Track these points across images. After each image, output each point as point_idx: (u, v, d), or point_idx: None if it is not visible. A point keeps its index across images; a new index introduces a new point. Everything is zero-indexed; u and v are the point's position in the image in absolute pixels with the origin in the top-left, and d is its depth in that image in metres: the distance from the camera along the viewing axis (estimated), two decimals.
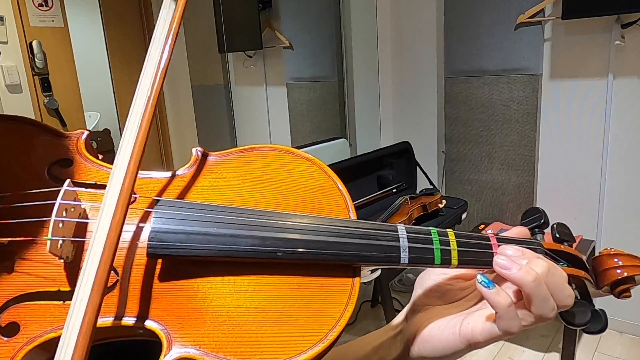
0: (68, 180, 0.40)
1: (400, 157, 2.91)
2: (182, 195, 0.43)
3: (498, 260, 0.41)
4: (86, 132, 0.46)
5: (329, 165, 0.46)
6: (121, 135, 0.38)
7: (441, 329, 0.46)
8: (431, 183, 2.85)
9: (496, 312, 0.41)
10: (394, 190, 2.75)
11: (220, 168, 0.45)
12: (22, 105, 2.94)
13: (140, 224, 0.40)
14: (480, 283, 0.41)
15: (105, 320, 0.36)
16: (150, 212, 0.39)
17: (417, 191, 2.78)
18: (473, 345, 0.43)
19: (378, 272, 2.22)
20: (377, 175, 2.81)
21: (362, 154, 2.86)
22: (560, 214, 2.67)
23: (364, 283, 2.89)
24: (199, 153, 0.46)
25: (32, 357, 0.36)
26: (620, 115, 2.43)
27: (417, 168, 2.92)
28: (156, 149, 3.93)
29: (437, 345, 0.45)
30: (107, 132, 3.49)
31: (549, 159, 2.70)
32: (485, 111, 2.90)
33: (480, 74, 2.86)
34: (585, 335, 2.66)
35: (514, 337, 2.65)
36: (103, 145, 3.37)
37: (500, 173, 2.94)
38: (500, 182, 2.95)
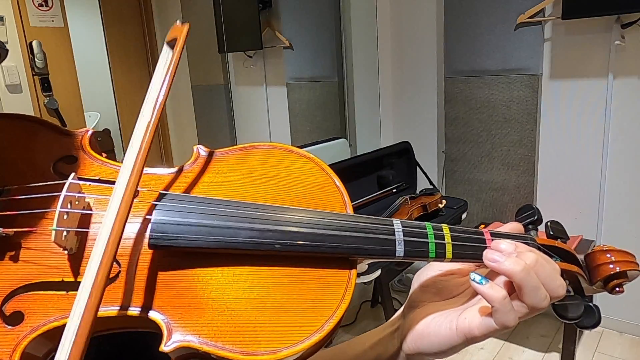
0: (73, 174, 0.41)
1: (400, 157, 2.91)
2: (183, 190, 0.44)
3: (487, 255, 0.43)
4: (91, 130, 0.48)
5: (328, 165, 0.47)
6: (121, 135, 0.40)
7: (438, 325, 0.46)
8: (431, 183, 2.85)
9: (492, 307, 0.41)
10: (394, 190, 2.75)
11: (220, 165, 0.47)
12: (22, 105, 2.95)
13: (143, 217, 0.41)
14: (473, 280, 0.42)
15: (108, 310, 0.37)
16: (153, 205, 0.40)
17: (417, 191, 2.78)
18: (470, 339, 0.44)
19: (378, 272, 2.22)
20: (377, 175, 2.81)
21: (362, 154, 2.87)
22: (560, 214, 2.67)
23: (364, 283, 2.89)
24: (200, 150, 0.48)
25: (35, 345, 0.37)
26: (620, 115, 2.43)
27: (417, 168, 2.92)
28: (156, 148, 3.93)
29: (434, 341, 0.46)
30: (107, 132, 3.49)
31: (549, 159, 2.70)
32: (485, 111, 2.90)
33: (480, 74, 2.87)
34: (585, 336, 2.66)
35: (514, 337, 2.65)
36: (103, 145, 3.37)
37: (500, 173, 2.94)
38: (500, 182, 2.95)
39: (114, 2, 3.50)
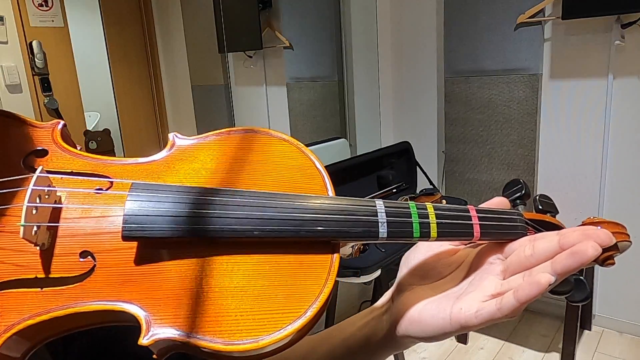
0: (41, 167, 0.40)
1: (400, 157, 2.91)
2: (157, 178, 0.43)
3: (590, 252, 0.39)
4: (62, 122, 0.46)
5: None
6: (121, 135, 0.38)
7: (431, 314, 0.45)
8: (431, 183, 2.85)
9: (520, 302, 0.39)
10: (394, 190, 2.74)
11: (197, 151, 0.45)
12: (22, 105, 2.95)
13: (115, 208, 0.40)
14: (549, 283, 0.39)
15: (86, 305, 0.36)
16: (125, 195, 0.39)
17: (417, 191, 2.77)
18: (466, 328, 0.43)
19: (378, 272, 2.21)
20: (377, 175, 2.81)
21: (362, 154, 2.86)
22: (560, 214, 2.65)
23: (364, 283, 2.88)
24: (176, 138, 0.47)
25: (11, 344, 0.36)
26: (620, 115, 2.42)
27: (417, 168, 2.92)
28: (156, 148, 3.93)
29: (427, 329, 0.45)
30: (107, 132, 3.49)
31: (549, 159, 2.70)
32: (485, 111, 2.90)
33: (480, 74, 2.86)
34: (585, 336, 2.64)
35: (514, 337, 2.64)
36: (103, 145, 3.37)
37: (500, 173, 2.93)
38: (500, 182, 2.94)
39: (114, 2, 3.50)
